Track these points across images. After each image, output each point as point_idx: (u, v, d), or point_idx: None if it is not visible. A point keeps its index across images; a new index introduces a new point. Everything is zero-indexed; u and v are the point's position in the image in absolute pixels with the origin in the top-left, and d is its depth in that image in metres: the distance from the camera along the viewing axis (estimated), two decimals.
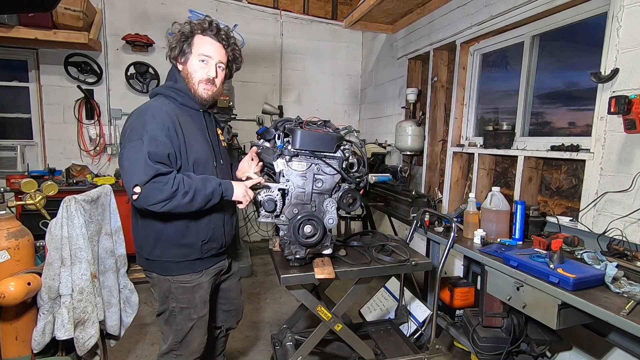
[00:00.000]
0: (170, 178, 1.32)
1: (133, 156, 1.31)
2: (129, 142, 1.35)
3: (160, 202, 1.30)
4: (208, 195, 1.39)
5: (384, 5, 3.26)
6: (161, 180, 1.30)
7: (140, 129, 1.34)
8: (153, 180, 1.29)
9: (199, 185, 1.37)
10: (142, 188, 1.28)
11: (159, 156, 1.33)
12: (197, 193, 1.36)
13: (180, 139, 1.42)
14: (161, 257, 1.49)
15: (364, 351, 1.86)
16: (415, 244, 3.20)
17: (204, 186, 1.38)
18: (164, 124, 1.37)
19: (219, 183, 1.42)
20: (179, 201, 1.33)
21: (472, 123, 3.15)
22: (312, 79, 5.05)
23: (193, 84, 1.51)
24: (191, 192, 1.34)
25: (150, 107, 1.42)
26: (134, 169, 1.29)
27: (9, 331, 1.62)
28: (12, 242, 1.58)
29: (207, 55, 1.50)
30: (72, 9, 3.53)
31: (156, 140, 1.33)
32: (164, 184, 1.30)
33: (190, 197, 1.34)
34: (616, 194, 1.82)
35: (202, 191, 1.37)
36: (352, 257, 1.78)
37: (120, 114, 4.29)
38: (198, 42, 1.50)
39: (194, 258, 1.52)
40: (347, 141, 1.73)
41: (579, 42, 2.35)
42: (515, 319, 1.99)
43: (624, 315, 1.23)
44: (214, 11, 4.47)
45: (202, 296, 1.56)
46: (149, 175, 1.28)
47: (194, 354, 1.60)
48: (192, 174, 1.41)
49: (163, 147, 1.35)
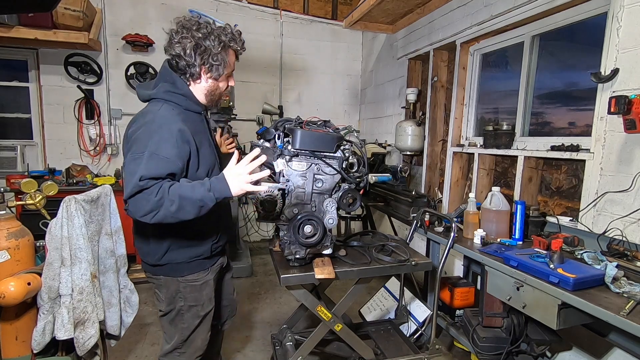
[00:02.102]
0: (156, 187, 1.23)
1: (131, 169, 1.26)
2: (131, 154, 1.29)
3: (148, 213, 1.23)
4: (197, 202, 1.25)
5: (384, 5, 3.26)
6: (147, 190, 1.23)
7: (145, 141, 1.28)
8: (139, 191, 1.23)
9: (186, 192, 1.24)
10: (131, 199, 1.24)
11: (156, 173, 1.25)
12: (183, 200, 1.23)
13: (193, 147, 1.37)
14: (173, 260, 1.48)
15: (364, 351, 1.86)
16: (415, 244, 3.20)
17: (192, 192, 1.25)
18: (172, 134, 1.30)
19: (208, 188, 1.27)
20: (167, 210, 1.23)
21: (472, 123, 3.15)
22: (312, 79, 5.05)
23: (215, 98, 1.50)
24: (177, 200, 1.23)
25: (157, 117, 1.33)
26: (127, 182, 1.26)
27: (9, 331, 1.62)
28: (12, 242, 1.58)
29: (233, 70, 1.50)
30: (72, 9, 3.53)
31: (157, 155, 1.26)
32: (149, 194, 1.22)
33: (176, 206, 1.23)
34: (616, 194, 1.82)
35: (189, 198, 1.24)
36: (352, 257, 1.78)
37: (121, 114, 4.29)
38: (232, 60, 1.46)
39: (204, 257, 1.53)
40: (347, 141, 1.73)
41: (579, 42, 2.35)
42: (515, 319, 1.99)
43: (624, 315, 1.23)
44: (214, 11, 4.47)
45: (208, 293, 1.57)
46: (134, 191, 1.23)
47: (197, 352, 1.60)
48: (183, 180, 1.31)
49: (164, 164, 1.27)
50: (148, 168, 1.24)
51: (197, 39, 1.36)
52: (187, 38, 1.35)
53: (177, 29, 1.39)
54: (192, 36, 1.35)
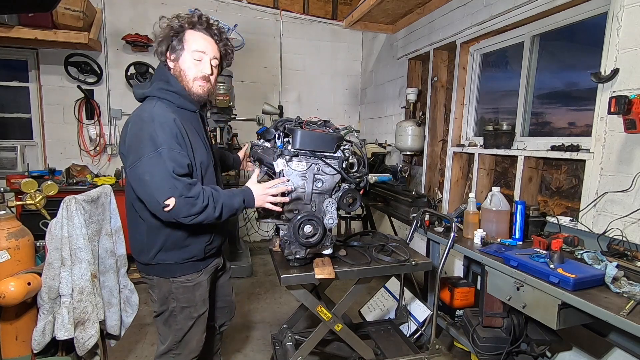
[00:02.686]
0: (200, 192, 1.32)
1: (154, 170, 1.27)
2: (144, 155, 1.29)
3: (191, 216, 1.32)
4: (234, 210, 1.42)
5: (384, 5, 3.26)
6: (193, 194, 1.30)
7: (153, 139, 1.29)
8: (186, 194, 1.28)
9: (227, 200, 1.39)
10: (176, 200, 1.27)
11: (182, 167, 1.32)
12: (225, 208, 1.39)
13: (188, 145, 1.39)
14: (165, 261, 1.48)
15: (364, 351, 1.86)
16: (415, 244, 3.20)
17: (231, 201, 1.41)
18: (172, 131, 1.33)
19: (243, 198, 1.45)
20: (208, 214, 1.35)
21: (472, 123, 3.15)
22: (312, 79, 5.04)
23: (187, 82, 1.45)
24: (219, 206, 1.37)
25: (155, 115, 1.35)
26: (160, 183, 1.27)
27: (9, 331, 1.62)
28: (12, 242, 1.58)
29: (201, 52, 1.45)
30: (72, 9, 3.53)
31: (173, 150, 1.31)
32: (195, 199, 1.30)
33: (219, 211, 1.37)
34: (616, 194, 1.82)
35: (229, 206, 1.40)
36: (352, 257, 1.78)
37: (121, 114, 4.29)
38: (190, 38, 1.44)
39: (197, 259, 1.53)
40: (347, 141, 1.73)
41: (579, 42, 2.35)
42: (515, 319, 1.99)
43: (624, 315, 1.23)
44: (214, 11, 4.47)
45: (202, 294, 1.56)
46: (179, 188, 1.27)
47: (192, 353, 1.60)
48: (219, 188, 1.43)
49: (182, 157, 1.33)
50: (173, 163, 1.29)
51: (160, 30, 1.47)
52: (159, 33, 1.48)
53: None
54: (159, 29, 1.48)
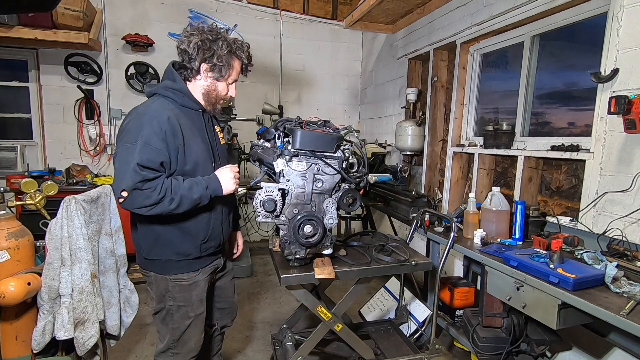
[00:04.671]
0: (158, 184, 1.32)
1: (124, 159, 1.31)
2: (123, 144, 1.34)
3: (145, 207, 1.32)
4: (195, 200, 1.40)
5: (384, 5, 3.26)
6: (149, 186, 1.31)
7: (136, 132, 1.33)
8: (141, 187, 1.29)
9: (185, 192, 1.37)
10: (128, 193, 1.29)
11: (150, 162, 1.32)
12: (183, 199, 1.37)
13: (180, 142, 1.41)
14: (160, 257, 1.50)
15: (364, 351, 1.86)
16: (415, 244, 3.20)
17: (190, 192, 1.38)
18: (161, 128, 1.35)
19: (205, 186, 1.43)
20: (165, 207, 1.34)
21: (472, 123, 3.15)
22: (312, 79, 5.05)
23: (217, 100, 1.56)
24: (177, 198, 1.35)
25: (149, 110, 1.40)
26: (123, 172, 1.30)
27: (9, 331, 1.62)
28: (12, 242, 1.58)
29: (236, 80, 1.57)
30: (72, 9, 3.53)
31: (150, 145, 1.32)
32: (151, 191, 1.31)
33: (176, 203, 1.35)
34: (616, 194, 1.82)
35: (189, 197, 1.38)
36: (352, 257, 1.78)
37: (120, 114, 4.29)
38: (236, 67, 1.54)
39: (193, 257, 1.53)
40: (347, 141, 1.73)
41: (579, 42, 2.35)
42: (515, 319, 1.99)
43: (624, 315, 1.23)
44: (214, 11, 4.48)
45: (199, 294, 1.57)
46: (135, 181, 1.28)
47: (191, 352, 1.61)
48: (180, 178, 1.40)
49: (156, 154, 1.34)
50: (142, 157, 1.30)
51: (205, 37, 1.44)
52: (195, 35, 1.44)
53: (190, 29, 1.47)
54: (200, 34, 1.44)
